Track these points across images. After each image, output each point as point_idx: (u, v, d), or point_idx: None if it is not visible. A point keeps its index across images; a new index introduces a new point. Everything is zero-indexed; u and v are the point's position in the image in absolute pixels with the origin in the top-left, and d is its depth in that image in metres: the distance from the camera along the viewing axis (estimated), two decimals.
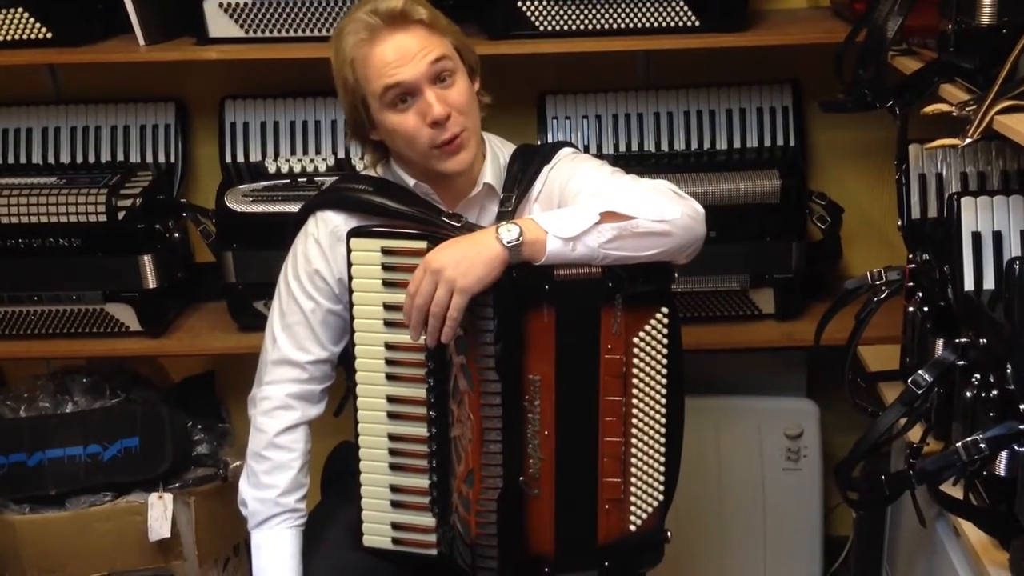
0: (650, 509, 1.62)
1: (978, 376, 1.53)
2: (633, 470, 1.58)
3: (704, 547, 2.51)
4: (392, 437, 1.64)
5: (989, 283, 1.63)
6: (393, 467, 1.65)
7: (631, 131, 2.40)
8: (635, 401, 1.56)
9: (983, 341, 1.54)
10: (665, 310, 1.55)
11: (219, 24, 2.22)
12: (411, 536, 1.67)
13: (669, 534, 1.65)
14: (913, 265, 1.82)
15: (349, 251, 1.60)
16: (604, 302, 1.51)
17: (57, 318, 2.33)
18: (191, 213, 2.42)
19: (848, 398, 1.94)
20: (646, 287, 1.53)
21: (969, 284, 1.64)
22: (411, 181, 1.70)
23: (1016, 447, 1.40)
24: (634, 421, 1.56)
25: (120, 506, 2.26)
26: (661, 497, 1.62)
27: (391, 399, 1.63)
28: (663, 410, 1.59)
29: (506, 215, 1.68)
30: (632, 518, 1.61)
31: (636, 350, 1.54)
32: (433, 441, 1.62)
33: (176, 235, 2.38)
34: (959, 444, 1.43)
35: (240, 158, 2.46)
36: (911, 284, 1.83)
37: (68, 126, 2.50)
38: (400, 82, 1.59)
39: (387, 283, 1.58)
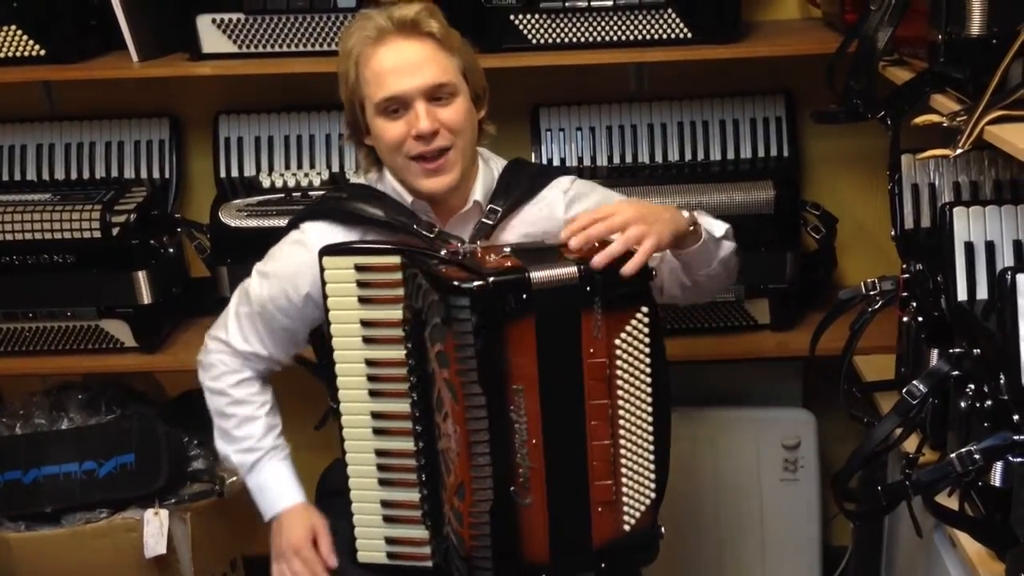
0: (643, 508, 1.61)
1: (972, 386, 1.52)
2: (623, 471, 1.58)
3: (702, 558, 2.51)
4: (379, 453, 1.63)
5: (982, 293, 1.63)
6: (382, 482, 1.64)
7: (625, 143, 2.41)
8: (621, 402, 1.55)
9: (977, 351, 1.54)
10: (645, 309, 1.54)
11: (212, 40, 2.22)
12: (406, 550, 1.66)
13: (663, 530, 1.64)
14: (907, 275, 1.82)
15: (322, 270, 1.59)
16: (583, 306, 1.50)
17: (52, 335, 2.33)
18: (186, 228, 2.42)
19: (844, 408, 1.93)
20: (624, 288, 1.52)
21: (962, 294, 1.64)
22: (409, 198, 1.70)
23: (1011, 457, 1.39)
24: (621, 422, 1.56)
25: (116, 523, 2.25)
26: (653, 495, 1.61)
27: (375, 415, 1.62)
28: (649, 408, 1.58)
29: (486, 228, 1.69)
30: (626, 519, 1.60)
31: (619, 351, 1.54)
32: (421, 455, 1.61)
33: (171, 250, 2.38)
34: (953, 455, 1.43)
35: (234, 173, 2.46)
36: (905, 294, 1.83)
37: (62, 142, 2.50)
38: (395, 95, 1.60)
39: (363, 300, 1.58)
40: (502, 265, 1.52)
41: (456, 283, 1.48)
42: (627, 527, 1.60)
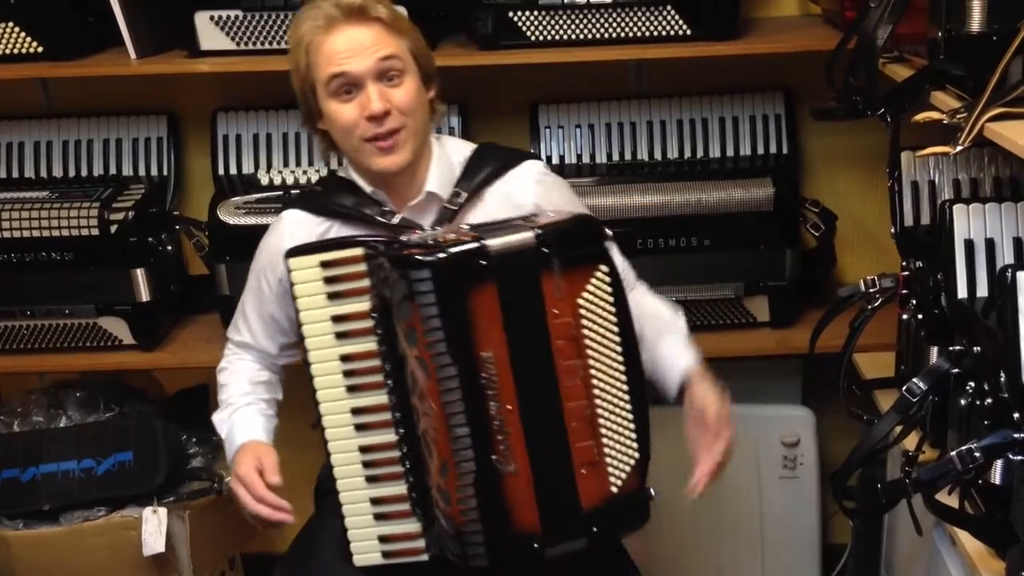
0: (628, 468, 1.60)
1: (972, 384, 1.52)
2: (603, 431, 1.57)
3: (701, 557, 2.51)
4: (363, 449, 1.63)
5: (982, 290, 1.63)
6: (370, 479, 1.63)
7: (624, 140, 2.41)
8: (592, 362, 1.55)
9: (977, 349, 1.54)
10: (605, 268, 1.55)
11: (211, 37, 2.22)
12: (400, 546, 1.65)
13: (653, 492, 1.63)
14: (907, 272, 1.82)
15: (289, 271, 1.61)
16: (542, 267, 1.52)
17: (50, 332, 2.32)
18: (184, 226, 2.42)
19: (843, 406, 1.93)
20: (581, 249, 1.54)
21: (962, 291, 1.64)
22: (368, 188, 1.74)
23: (1011, 456, 1.39)
24: (595, 382, 1.56)
25: (114, 521, 2.25)
26: (637, 454, 1.60)
27: (355, 411, 1.62)
28: (622, 367, 1.58)
29: (448, 213, 1.70)
30: (612, 479, 1.59)
31: (583, 311, 1.54)
32: (403, 443, 1.60)
33: (169, 248, 2.38)
34: (954, 453, 1.42)
35: (233, 170, 2.45)
36: (905, 291, 1.83)
37: (60, 140, 2.50)
38: (346, 72, 1.62)
39: (332, 295, 1.59)
40: (461, 239, 1.54)
41: (416, 257, 1.51)
42: (614, 488, 1.59)
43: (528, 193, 1.75)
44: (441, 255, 1.50)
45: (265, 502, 1.67)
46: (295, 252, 1.61)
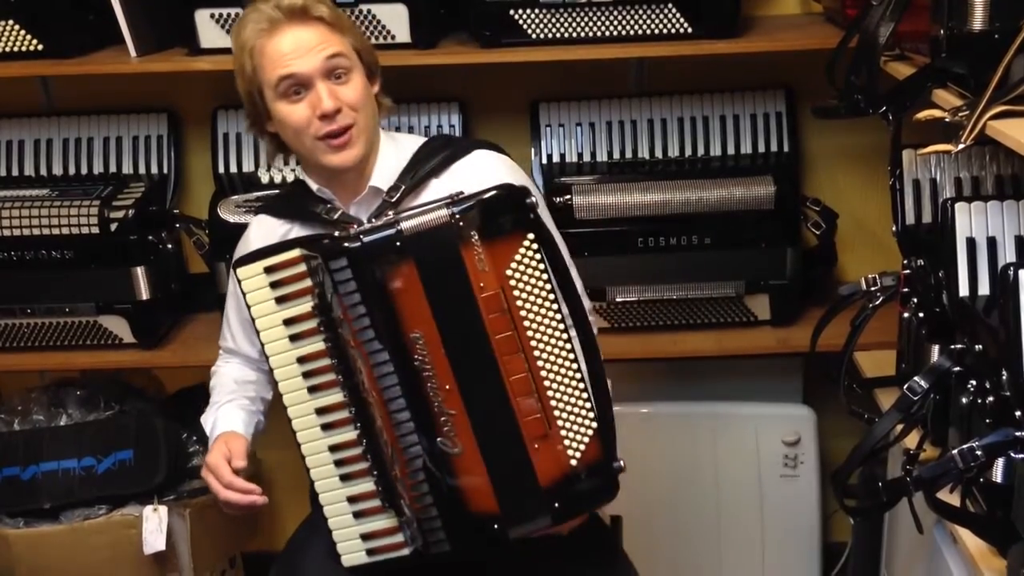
0: (586, 439, 1.56)
1: (974, 382, 1.52)
2: (553, 403, 1.54)
3: (702, 555, 2.51)
4: (332, 448, 1.62)
5: (984, 289, 1.63)
6: (343, 478, 1.62)
7: (625, 138, 2.41)
8: (531, 333, 1.53)
9: (978, 347, 1.54)
10: (531, 236, 1.52)
11: (211, 34, 2.22)
12: (382, 542, 1.63)
13: (623, 463, 1.59)
14: (908, 271, 1.82)
15: (239, 281, 1.61)
16: (461, 242, 1.50)
17: (50, 330, 2.32)
18: (184, 224, 2.42)
19: (844, 404, 1.93)
20: (501, 219, 1.52)
21: (964, 290, 1.64)
22: (315, 186, 1.76)
23: (1012, 454, 1.39)
24: (537, 353, 1.53)
25: (115, 519, 2.25)
26: (595, 424, 1.56)
27: (319, 411, 1.62)
28: (565, 336, 1.54)
29: (387, 206, 1.70)
30: (569, 452, 1.55)
31: (513, 282, 1.52)
32: (363, 437, 1.60)
33: (169, 246, 2.37)
34: (955, 451, 1.42)
35: (233, 168, 2.45)
36: (906, 290, 1.83)
37: (60, 138, 2.50)
38: (294, 73, 1.63)
39: (280, 299, 1.60)
40: (380, 226, 1.54)
41: (333, 247, 1.52)
42: (574, 462, 1.55)
43: (473, 184, 1.70)
44: (356, 243, 1.52)
45: (232, 487, 1.67)
46: (241, 261, 1.62)
